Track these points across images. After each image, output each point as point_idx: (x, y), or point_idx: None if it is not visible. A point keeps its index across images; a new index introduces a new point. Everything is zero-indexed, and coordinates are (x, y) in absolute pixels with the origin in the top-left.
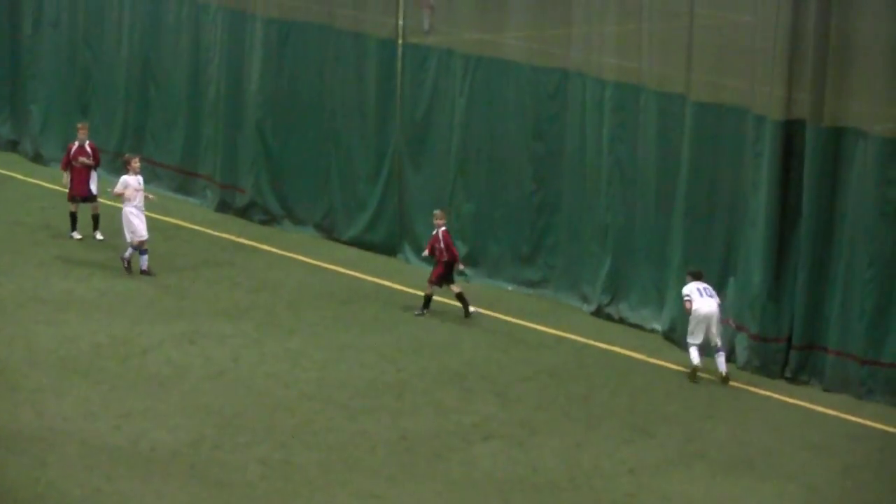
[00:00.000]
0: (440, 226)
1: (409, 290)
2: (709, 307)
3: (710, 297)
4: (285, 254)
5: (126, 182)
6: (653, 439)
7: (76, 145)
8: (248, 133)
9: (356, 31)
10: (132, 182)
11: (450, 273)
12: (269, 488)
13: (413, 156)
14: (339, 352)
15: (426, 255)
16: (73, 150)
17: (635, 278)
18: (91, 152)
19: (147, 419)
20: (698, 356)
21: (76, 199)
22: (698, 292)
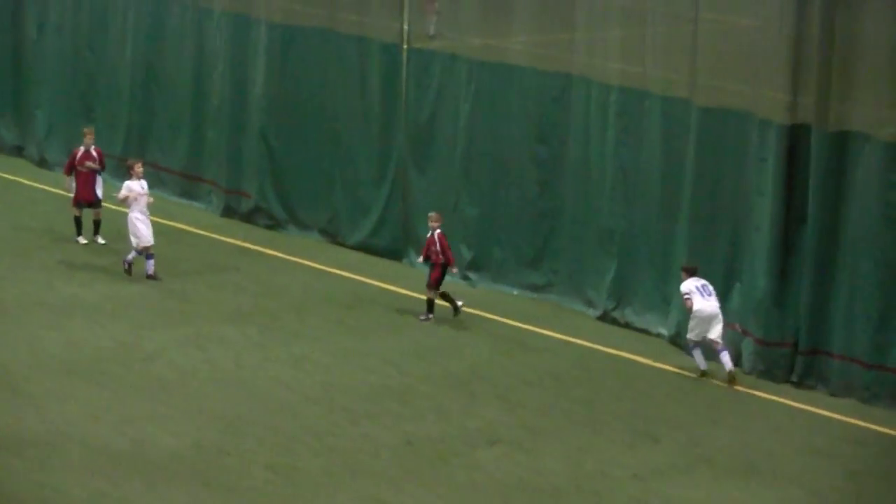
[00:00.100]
0: (435, 228)
1: (414, 294)
2: (712, 308)
3: (710, 295)
4: (290, 258)
5: (130, 187)
6: (657, 444)
7: (81, 150)
8: (253, 138)
9: (360, 36)
10: (136, 187)
11: (443, 275)
12: (273, 492)
13: (417, 160)
14: (344, 356)
15: (422, 260)
16: (78, 155)
17: (640, 283)
18: (97, 157)
19: (151, 423)
20: (703, 360)
21: (81, 204)
22: (698, 291)
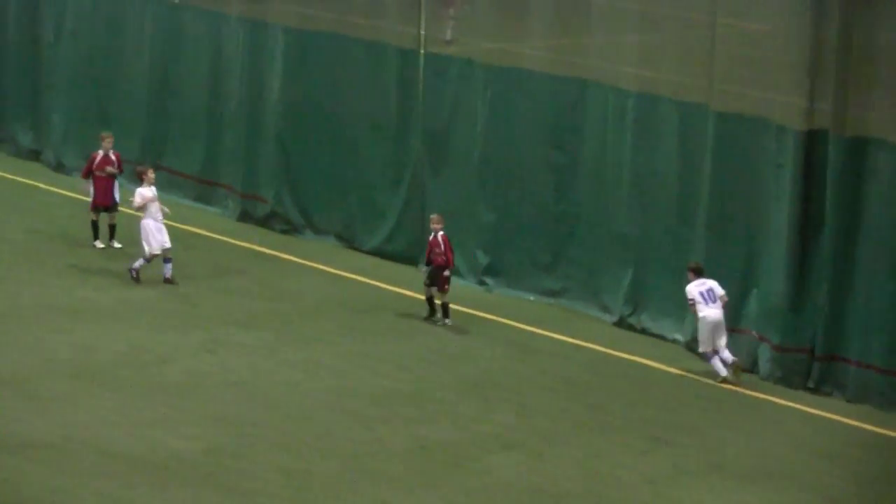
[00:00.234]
0: (438, 230)
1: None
2: (715, 314)
3: (714, 302)
4: (305, 263)
5: (143, 194)
6: (671, 449)
7: (100, 155)
8: (269, 143)
9: (377, 41)
10: (148, 193)
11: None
12: (285, 497)
13: (433, 165)
14: (358, 361)
15: (428, 266)
16: (97, 160)
17: (656, 289)
18: (116, 161)
19: (164, 428)
20: (722, 367)
21: (99, 208)
22: (702, 297)
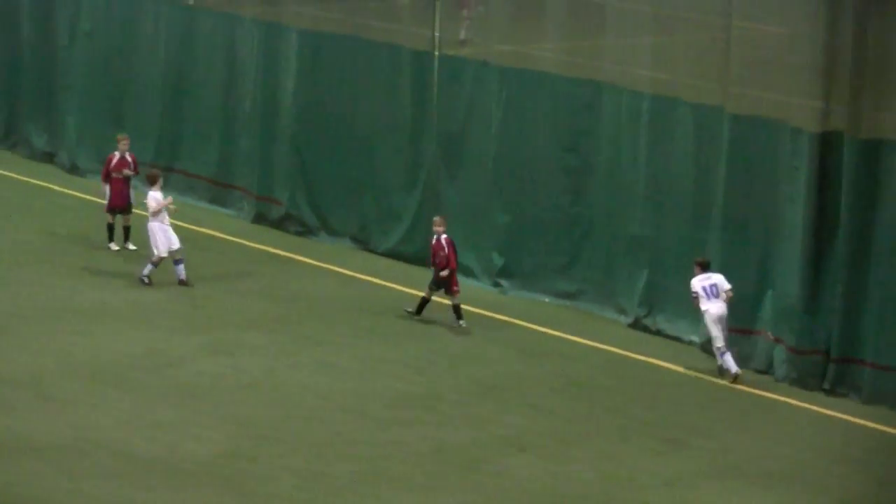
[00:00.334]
0: (440, 232)
1: (445, 301)
2: (718, 308)
3: (716, 296)
4: (320, 265)
5: (156, 198)
6: (687, 451)
7: (117, 157)
8: (284, 145)
9: (391, 43)
10: (160, 197)
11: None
12: (302, 499)
13: (448, 167)
14: (373, 363)
15: (439, 275)
16: (114, 162)
17: (672, 290)
18: (132, 163)
19: (180, 430)
20: (734, 364)
21: (115, 210)
22: (704, 291)
